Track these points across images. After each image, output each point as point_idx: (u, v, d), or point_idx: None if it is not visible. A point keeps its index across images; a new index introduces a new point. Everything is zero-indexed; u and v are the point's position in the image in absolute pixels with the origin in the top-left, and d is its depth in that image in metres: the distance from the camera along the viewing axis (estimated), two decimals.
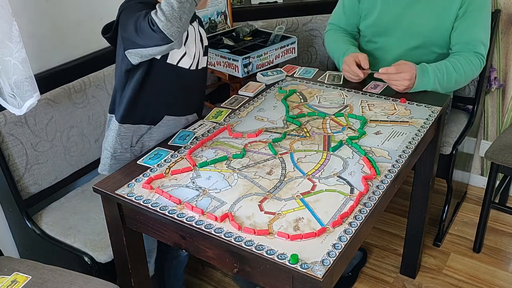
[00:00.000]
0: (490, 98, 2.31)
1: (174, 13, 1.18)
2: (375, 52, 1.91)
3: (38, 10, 1.71)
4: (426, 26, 1.77)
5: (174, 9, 1.18)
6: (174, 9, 1.18)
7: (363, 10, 1.91)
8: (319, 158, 1.31)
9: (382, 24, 1.85)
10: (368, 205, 1.13)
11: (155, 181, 1.24)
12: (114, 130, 1.43)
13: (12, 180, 1.61)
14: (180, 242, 1.18)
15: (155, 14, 1.19)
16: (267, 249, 1.01)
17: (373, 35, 1.91)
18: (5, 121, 1.57)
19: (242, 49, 2.07)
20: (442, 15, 1.75)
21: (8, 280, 1.32)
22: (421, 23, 1.78)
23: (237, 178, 1.23)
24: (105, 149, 1.46)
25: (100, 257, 1.55)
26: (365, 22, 1.91)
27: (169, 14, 1.18)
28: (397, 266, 2.03)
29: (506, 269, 2.00)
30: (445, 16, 1.75)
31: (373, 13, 1.87)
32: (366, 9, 1.90)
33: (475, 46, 1.74)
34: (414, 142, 1.38)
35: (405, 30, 1.81)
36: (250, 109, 1.59)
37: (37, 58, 1.70)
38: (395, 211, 2.33)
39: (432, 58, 1.80)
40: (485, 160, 2.39)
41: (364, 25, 1.92)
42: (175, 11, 1.19)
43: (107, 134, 1.46)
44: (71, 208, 1.74)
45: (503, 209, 2.05)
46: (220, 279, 2.00)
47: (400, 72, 1.61)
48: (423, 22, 1.77)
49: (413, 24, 1.79)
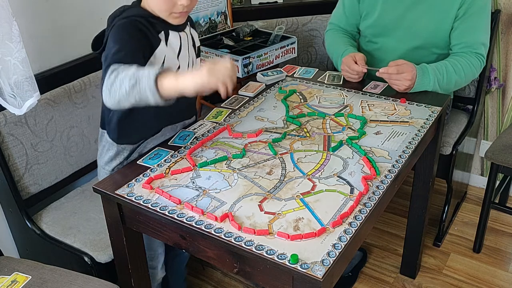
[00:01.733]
0: (490, 98, 2.31)
1: (118, 91, 1.14)
2: (375, 52, 1.91)
3: (38, 10, 1.71)
4: (426, 27, 1.77)
5: (120, 89, 1.13)
6: (120, 89, 1.13)
7: (363, 10, 1.91)
8: (319, 158, 1.31)
9: (382, 25, 1.85)
10: (368, 205, 1.13)
11: (155, 181, 1.24)
12: (110, 149, 1.39)
13: (12, 180, 1.61)
14: (180, 242, 1.18)
15: (109, 74, 1.15)
16: (267, 249, 1.01)
17: (373, 36, 1.91)
18: (5, 121, 1.57)
19: (242, 49, 2.07)
20: (443, 17, 1.75)
21: (8, 280, 1.32)
22: (422, 24, 1.78)
23: (237, 178, 1.23)
24: (102, 168, 1.43)
25: (100, 257, 1.55)
26: (365, 22, 1.91)
27: (114, 89, 1.14)
28: (397, 266, 2.03)
29: (506, 269, 2.00)
30: (445, 17, 1.74)
31: (374, 13, 1.87)
32: (366, 9, 1.89)
33: (476, 47, 1.73)
34: (414, 142, 1.38)
35: (406, 31, 1.81)
36: (250, 109, 1.59)
37: (37, 58, 1.70)
38: (395, 211, 2.33)
39: (433, 58, 1.80)
40: (485, 160, 2.39)
41: (364, 25, 1.92)
42: (121, 93, 1.13)
43: (102, 151, 1.43)
44: (71, 208, 1.74)
45: (503, 209, 2.05)
46: (220, 279, 2.00)
47: (402, 72, 1.60)
48: (424, 23, 1.77)
49: (414, 25, 1.79)
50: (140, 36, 1.26)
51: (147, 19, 1.28)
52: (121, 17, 1.28)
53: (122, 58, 1.19)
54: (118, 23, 1.26)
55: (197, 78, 1.11)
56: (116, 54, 1.20)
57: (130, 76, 1.12)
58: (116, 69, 1.16)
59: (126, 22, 1.26)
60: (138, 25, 1.26)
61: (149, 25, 1.28)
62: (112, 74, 1.15)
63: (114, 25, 1.27)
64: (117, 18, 1.28)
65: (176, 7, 1.27)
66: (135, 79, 1.11)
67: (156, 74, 1.10)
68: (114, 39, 1.24)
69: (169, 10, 1.28)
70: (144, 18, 1.28)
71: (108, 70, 1.17)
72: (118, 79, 1.14)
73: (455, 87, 1.76)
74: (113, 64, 1.17)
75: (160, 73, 1.11)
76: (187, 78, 1.12)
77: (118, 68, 1.16)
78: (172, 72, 1.14)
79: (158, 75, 1.11)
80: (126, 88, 1.12)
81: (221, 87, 1.12)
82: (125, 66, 1.16)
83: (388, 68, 1.62)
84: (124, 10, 1.30)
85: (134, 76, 1.12)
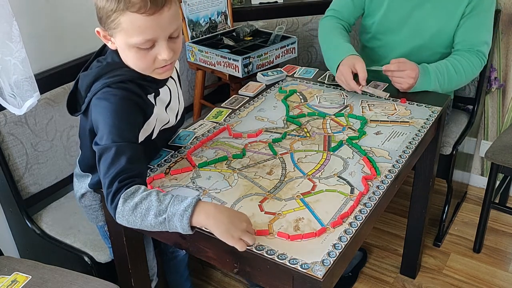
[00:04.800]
0: (490, 98, 2.30)
1: (139, 222, 1.01)
2: (379, 49, 1.89)
3: (38, 10, 1.71)
4: (433, 27, 1.76)
5: (143, 221, 1.01)
6: (143, 221, 1.01)
7: (370, 6, 1.87)
8: (319, 158, 1.31)
9: (389, 22, 1.83)
10: (368, 205, 1.13)
11: (155, 181, 1.24)
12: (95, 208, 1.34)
13: (12, 180, 1.61)
14: (180, 242, 1.18)
15: (123, 202, 1.01)
16: (267, 249, 1.01)
17: (378, 33, 1.88)
18: (5, 121, 1.57)
19: (242, 49, 2.07)
20: (449, 16, 1.74)
21: (8, 280, 1.32)
22: (428, 23, 1.76)
23: (237, 178, 1.23)
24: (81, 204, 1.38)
25: (100, 257, 1.55)
26: (371, 18, 1.88)
27: (133, 219, 1.02)
28: (397, 266, 2.03)
29: (506, 269, 2.00)
30: (452, 16, 1.73)
31: (380, 10, 1.84)
32: (373, 5, 1.86)
33: (478, 46, 1.73)
34: (414, 142, 1.38)
35: (412, 29, 1.79)
36: (250, 109, 1.59)
37: (37, 58, 1.70)
38: (395, 211, 2.33)
39: (436, 57, 1.78)
40: (485, 160, 2.38)
41: (370, 21, 1.89)
42: (143, 226, 1.02)
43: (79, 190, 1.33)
44: (71, 208, 1.74)
45: (503, 209, 2.05)
46: (220, 279, 2.00)
47: (403, 70, 1.60)
48: (430, 22, 1.76)
49: (420, 24, 1.78)
50: (135, 112, 1.13)
51: (136, 83, 1.14)
52: (107, 83, 1.11)
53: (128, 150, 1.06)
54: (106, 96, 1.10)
55: (222, 233, 0.99)
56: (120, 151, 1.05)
57: (155, 211, 0.99)
58: (132, 196, 1.02)
59: (117, 99, 1.10)
60: (131, 98, 1.12)
61: (140, 90, 1.15)
62: (127, 203, 1.01)
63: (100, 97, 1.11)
64: (101, 82, 1.12)
65: (158, 62, 1.12)
66: (164, 216, 0.99)
67: (189, 218, 0.98)
68: (106, 123, 1.08)
69: (150, 67, 1.13)
70: (134, 82, 1.14)
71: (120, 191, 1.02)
72: (138, 211, 1.00)
73: (456, 86, 1.76)
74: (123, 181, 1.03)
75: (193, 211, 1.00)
76: (210, 226, 1.00)
77: (132, 196, 1.02)
78: (203, 207, 1.01)
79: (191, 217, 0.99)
80: (151, 222, 1.00)
81: (239, 246, 0.99)
82: (139, 190, 1.02)
83: (389, 65, 1.61)
84: (106, 72, 1.13)
85: (162, 211, 1.00)
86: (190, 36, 2.20)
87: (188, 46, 2.16)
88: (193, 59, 2.16)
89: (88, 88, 1.15)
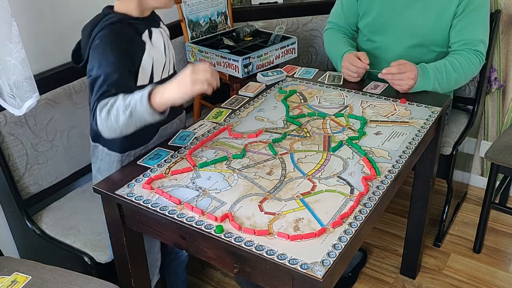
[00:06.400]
0: (490, 99, 2.30)
1: (115, 125, 1.17)
2: (375, 51, 1.90)
3: (38, 10, 1.71)
4: (425, 25, 1.77)
5: (118, 122, 1.16)
6: (118, 122, 1.16)
7: (361, 8, 1.91)
8: (319, 159, 1.31)
9: (380, 23, 1.85)
10: (368, 205, 1.13)
11: (155, 181, 1.24)
12: (109, 161, 1.37)
13: (12, 180, 1.61)
14: (180, 242, 1.18)
15: (99, 113, 1.16)
16: (267, 249, 1.01)
17: (371, 34, 1.90)
18: (5, 121, 1.57)
19: (242, 49, 2.08)
20: (440, 14, 1.75)
21: (8, 280, 1.32)
22: (420, 22, 1.78)
23: (237, 179, 1.23)
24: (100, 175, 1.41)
25: (100, 257, 1.55)
26: (364, 20, 1.91)
27: (110, 125, 1.17)
28: (397, 266, 2.02)
29: (506, 269, 2.00)
30: (443, 15, 1.75)
31: (372, 11, 1.87)
32: (364, 7, 1.89)
33: (475, 44, 1.73)
34: (414, 143, 1.38)
35: (404, 28, 1.81)
36: (250, 110, 1.59)
37: (37, 58, 1.70)
38: (395, 211, 2.33)
39: (432, 56, 1.80)
40: (485, 160, 2.38)
41: (363, 23, 1.92)
42: (120, 126, 1.17)
43: (100, 165, 1.40)
44: (71, 208, 1.74)
45: (503, 209, 2.05)
46: (220, 279, 2.00)
47: (404, 72, 1.60)
48: (422, 21, 1.77)
49: (412, 23, 1.79)
50: (126, 45, 1.24)
51: (128, 22, 1.26)
52: (100, 26, 1.24)
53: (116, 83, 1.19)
54: (99, 34, 1.23)
55: (182, 88, 1.15)
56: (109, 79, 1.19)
57: (123, 108, 1.15)
58: (105, 106, 1.16)
59: (108, 33, 1.23)
60: (122, 32, 1.24)
61: (131, 28, 1.27)
62: (102, 112, 1.16)
63: (95, 38, 1.23)
64: (97, 28, 1.24)
65: None
66: (129, 109, 1.14)
67: (147, 97, 1.13)
68: (100, 60, 1.21)
69: None
70: (124, 22, 1.25)
71: (97, 105, 1.17)
72: (111, 115, 1.16)
73: (455, 86, 1.76)
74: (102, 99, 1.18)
75: (149, 93, 1.14)
76: (173, 90, 1.15)
77: (105, 105, 1.16)
78: (158, 88, 1.16)
79: (149, 95, 1.14)
80: (123, 120, 1.15)
81: (207, 90, 1.16)
82: (109, 100, 1.17)
83: (390, 68, 1.61)
84: (101, 20, 1.26)
85: (127, 106, 1.14)
86: (190, 36, 2.20)
87: (188, 46, 2.16)
88: (193, 59, 2.16)
89: (89, 36, 1.26)
